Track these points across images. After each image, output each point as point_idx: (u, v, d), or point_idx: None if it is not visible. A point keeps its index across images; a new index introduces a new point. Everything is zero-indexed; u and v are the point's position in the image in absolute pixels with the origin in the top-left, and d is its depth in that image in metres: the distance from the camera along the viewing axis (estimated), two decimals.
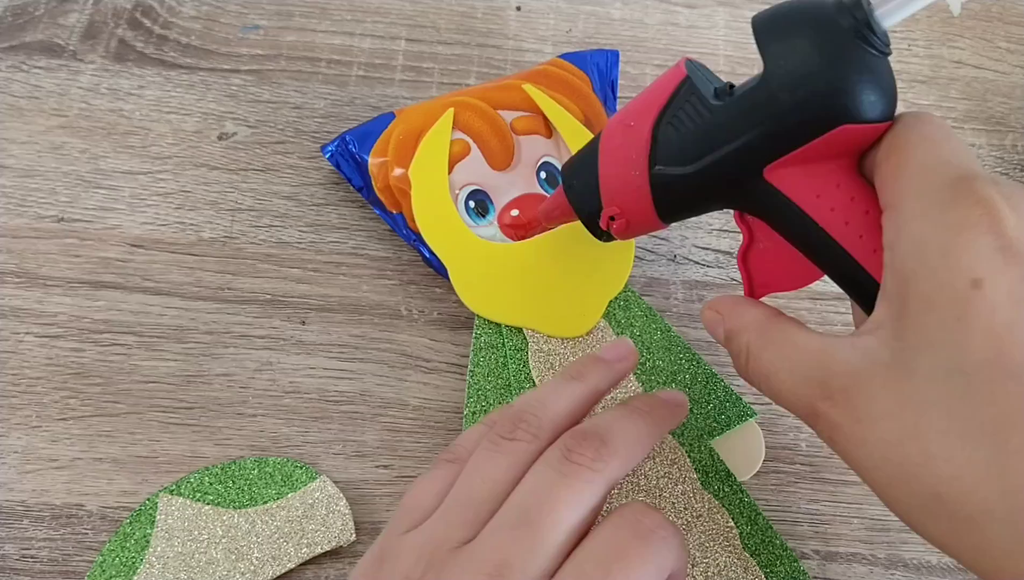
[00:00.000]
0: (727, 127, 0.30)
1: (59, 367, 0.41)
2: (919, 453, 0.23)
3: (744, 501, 0.38)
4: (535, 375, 0.39)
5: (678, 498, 0.38)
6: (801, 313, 0.45)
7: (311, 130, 0.47)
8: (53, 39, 0.49)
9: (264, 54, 0.49)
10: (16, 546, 0.37)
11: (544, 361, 0.40)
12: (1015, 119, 0.51)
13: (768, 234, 0.31)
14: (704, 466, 0.38)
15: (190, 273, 0.43)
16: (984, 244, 0.23)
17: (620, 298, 0.41)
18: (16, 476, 0.39)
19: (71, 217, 0.44)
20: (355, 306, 0.43)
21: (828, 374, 0.26)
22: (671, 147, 0.31)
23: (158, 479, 0.39)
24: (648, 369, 0.40)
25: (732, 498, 0.38)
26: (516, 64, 0.51)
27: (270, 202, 0.45)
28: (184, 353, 0.42)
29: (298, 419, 0.41)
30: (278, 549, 0.37)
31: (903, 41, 0.53)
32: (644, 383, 0.40)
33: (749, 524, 0.38)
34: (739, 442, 0.40)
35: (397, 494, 0.39)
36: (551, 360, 0.40)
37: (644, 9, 0.53)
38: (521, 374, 0.40)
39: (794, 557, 0.37)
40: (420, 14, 0.52)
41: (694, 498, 0.38)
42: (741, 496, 0.38)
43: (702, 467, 0.38)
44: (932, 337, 0.23)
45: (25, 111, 0.47)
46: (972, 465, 0.22)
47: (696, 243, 0.46)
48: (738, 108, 0.29)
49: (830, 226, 0.29)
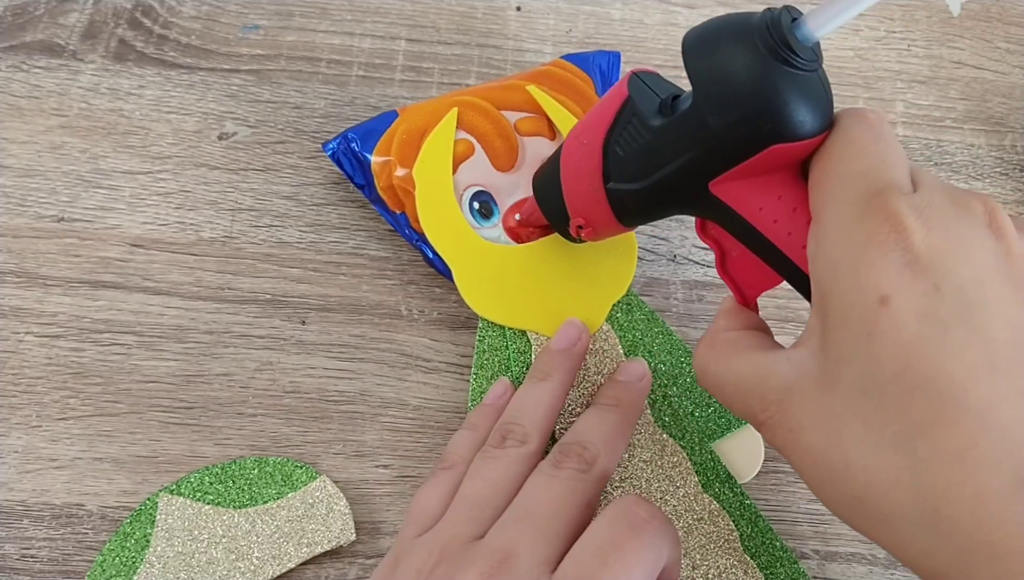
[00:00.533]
0: (667, 147, 0.30)
1: (59, 367, 0.41)
2: (841, 460, 0.25)
3: (745, 503, 0.38)
4: None
5: (679, 501, 0.38)
6: (801, 313, 0.45)
7: (311, 130, 0.47)
8: (53, 39, 0.49)
9: (264, 54, 0.49)
10: (16, 546, 0.37)
11: None
12: (1015, 119, 0.51)
13: (734, 242, 0.32)
14: (705, 469, 0.38)
15: (190, 273, 0.43)
16: (891, 261, 0.24)
17: (623, 301, 0.41)
18: (16, 476, 0.39)
19: (71, 217, 0.44)
20: (355, 306, 0.43)
21: (765, 388, 0.28)
22: (620, 165, 0.32)
23: (158, 479, 0.39)
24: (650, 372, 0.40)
25: (733, 501, 0.38)
26: (516, 64, 0.51)
27: (270, 202, 0.45)
28: (184, 353, 0.42)
29: (298, 419, 0.41)
30: (278, 549, 0.37)
31: (903, 41, 0.53)
32: None
33: (750, 526, 0.38)
34: (739, 444, 0.40)
35: (397, 494, 0.40)
36: None
37: (644, 9, 0.53)
38: (524, 377, 0.40)
39: (794, 559, 0.37)
40: (420, 14, 0.52)
41: (695, 501, 0.38)
42: (742, 499, 0.38)
43: (703, 470, 0.38)
44: (848, 352, 0.25)
45: (25, 111, 0.47)
46: (886, 472, 0.24)
47: (696, 243, 0.46)
48: (675, 130, 0.30)
49: (774, 237, 0.30)
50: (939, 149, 0.50)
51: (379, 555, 0.38)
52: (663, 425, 0.39)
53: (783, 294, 0.45)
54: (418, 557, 0.30)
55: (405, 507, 0.39)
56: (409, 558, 0.31)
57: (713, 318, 0.44)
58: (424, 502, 0.34)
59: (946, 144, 0.50)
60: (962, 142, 0.50)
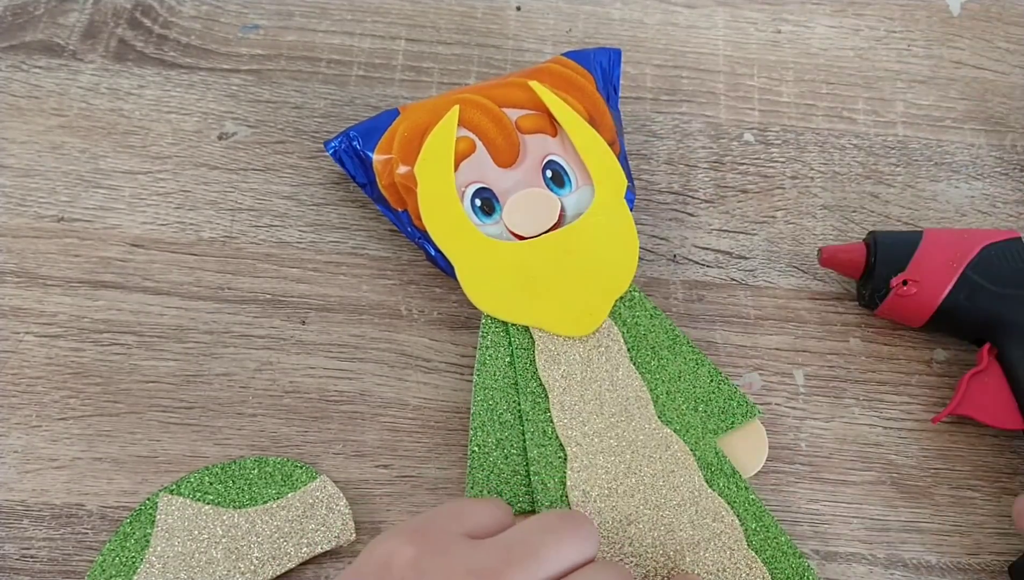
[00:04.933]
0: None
1: (59, 367, 0.41)
2: None
3: (750, 499, 0.38)
4: (542, 374, 0.39)
5: (683, 496, 0.38)
6: (801, 313, 0.45)
7: (311, 130, 0.47)
8: (53, 39, 0.49)
9: (264, 54, 0.49)
10: (16, 546, 0.37)
11: (551, 360, 0.40)
12: (1015, 119, 0.51)
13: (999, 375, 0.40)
14: (709, 464, 0.39)
15: (190, 273, 0.43)
16: None
17: (626, 297, 0.42)
18: (16, 476, 0.39)
19: (71, 217, 0.44)
20: (355, 306, 0.43)
21: None
22: (990, 267, 0.41)
23: (158, 479, 0.39)
24: (653, 368, 0.40)
25: (737, 496, 0.38)
26: (516, 64, 0.51)
27: (270, 202, 0.45)
28: (184, 353, 0.42)
29: (298, 419, 0.41)
30: (278, 549, 0.37)
31: (903, 41, 0.53)
32: (649, 382, 0.40)
33: (755, 521, 0.38)
34: (744, 439, 0.40)
35: (397, 494, 0.40)
36: (557, 359, 0.40)
37: (644, 9, 0.53)
38: (527, 373, 0.40)
39: (800, 554, 0.37)
40: (420, 14, 0.52)
41: (699, 496, 0.38)
42: (747, 494, 0.38)
43: (707, 465, 0.38)
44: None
45: (25, 111, 0.47)
46: None
47: (696, 243, 0.46)
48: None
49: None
50: (939, 149, 0.50)
51: None
52: (666, 421, 0.39)
53: (783, 294, 0.45)
54: None
55: (405, 507, 0.39)
56: None
57: (714, 319, 0.44)
58: None
59: (946, 144, 0.50)
60: (962, 142, 0.50)
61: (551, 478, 0.38)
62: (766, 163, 0.49)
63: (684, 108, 0.50)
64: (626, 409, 0.39)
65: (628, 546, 0.37)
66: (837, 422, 0.42)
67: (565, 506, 0.38)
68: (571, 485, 0.38)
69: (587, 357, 0.40)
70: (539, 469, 0.38)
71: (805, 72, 0.52)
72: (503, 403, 0.39)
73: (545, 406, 0.39)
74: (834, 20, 0.54)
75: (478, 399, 0.39)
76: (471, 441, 0.39)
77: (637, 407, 0.39)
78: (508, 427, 0.39)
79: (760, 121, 0.50)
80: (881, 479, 0.41)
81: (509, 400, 0.40)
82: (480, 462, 0.38)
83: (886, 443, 0.42)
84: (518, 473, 0.39)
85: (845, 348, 0.44)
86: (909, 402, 0.43)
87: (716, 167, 0.48)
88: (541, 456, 0.38)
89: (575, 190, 0.43)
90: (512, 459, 0.39)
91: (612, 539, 0.37)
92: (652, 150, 0.49)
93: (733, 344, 0.44)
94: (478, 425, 0.39)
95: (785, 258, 0.46)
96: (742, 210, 0.47)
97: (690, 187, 0.48)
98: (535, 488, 0.38)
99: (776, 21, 0.53)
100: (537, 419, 0.39)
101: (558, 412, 0.39)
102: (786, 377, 0.43)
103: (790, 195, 0.48)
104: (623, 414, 0.39)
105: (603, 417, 0.39)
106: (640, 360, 0.41)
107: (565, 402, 0.39)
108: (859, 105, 0.51)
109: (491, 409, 0.39)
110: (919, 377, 0.43)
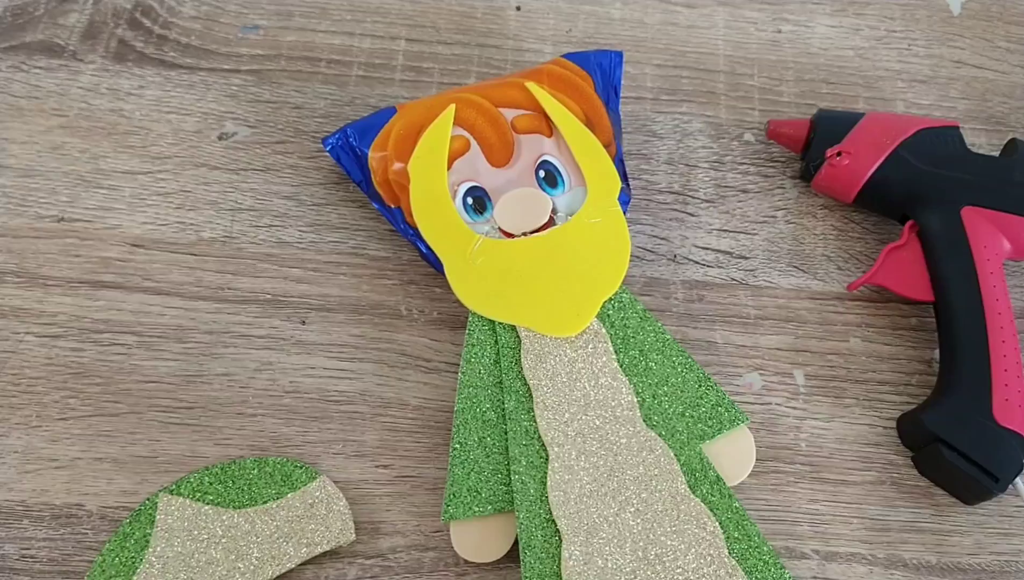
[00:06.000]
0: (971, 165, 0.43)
1: (59, 367, 0.41)
2: None
3: (733, 507, 0.38)
4: (527, 373, 0.39)
5: (666, 501, 0.37)
6: (801, 313, 0.45)
7: (311, 130, 0.47)
8: (53, 39, 0.49)
9: (264, 54, 0.49)
10: (16, 546, 0.38)
11: (536, 359, 0.40)
12: (1015, 119, 0.51)
13: (917, 250, 0.43)
14: (693, 469, 0.38)
15: (190, 273, 0.43)
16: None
17: (615, 299, 0.41)
18: (16, 476, 0.39)
19: (71, 217, 0.44)
20: (355, 306, 0.43)
21: None
22: (922, 147, 0.43)
23: (158, 479, 0.39)
24: (640, 371, 0.40)
25: (720, 503, 0.38)
26: (516, 64, 0.51)
27: (270, 202, 0.45)
28: (184, 353, 0.42)
29: (298, 419, 0.41)
30: (278, 549, 0.37)
31: (903, 40, 0.53)
32: (636, 385, 0.40)
33: (737, 530, 0.37)
34: (730, 447, 0.40)
35: (397, 494, 0.40)
36: (544, 359, 0.40)
37: (644, 9, 0.53)
38: (512, 372, 0.40)
39: (781, 565, 0.37)
40: (420, 14, 0.52)
41: (681, 502, 0.37)
42: (730, 501, 0.38)
43: (690, 470, 0.38)
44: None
45: (25, 111, 0.47)
46: None
47: (696, 243, 0.46)
48: (989, 162, 0.43)
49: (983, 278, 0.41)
50: None
51: (379, 555, 0.38)
52: (651, 424, 0.39)
53: (783, 294, 0.45)
54: None
55: (405, 507, 0.39)
56: None
57: (714, 318, 0.44)
58: None
59: None
60: None
61: (532, 478, 0.38)
62: (766, 163, 0.49)
63: (684, 108, 0.50)
64: (611, 411, 0.39)
65: (607, 549, 0.37)
66: (837, 422, 0.42)
67: (545, 506, 0.37)
68: (552, 485, 0.37)
69: (573, 358, 0.40)
70: (520, 469, 0.38)
71: (805, 72, 0.52)
72: (487, 401, 0.39)
73: (529, 406, 0.39)
74: (834, 20, 0.54)
75: (462, 397, 0.39)
76: (453, 438, 0.39)
77: (622, 409, 0.39)
78: (491, 426, 0.39)
79: (760, 121, 0.50)
80: (881, 479, 0.41)
81: (493, 399, 0.39)
82: (461, 459, 0.38)
83: (886, 443, 0.42)
84: (499, 472, 0.38)
85: (845, 348, 0.44)
86: (909, 402, 0.43)
87: (716, 167, 0.48)
88: (523, 455, 0.38)
89: (568, 191, 0.43)
90: (493, 458, 0.39)
91: (591, 542, 0.37)
92: (652, 150, 0.49)
93: (733, 344, 0.44)
94: (460, 422, 0.39)
95: (785, 258, 0.46)
96: (742, 210, 0.47)
97: (690, 187, 0.48)
98: (515, 488, 0.38)
99: (776, 21, 0.53)
100: (520, 418, 0.39)
101: (542, 412, 0.39)
102: (786, 377, 0.43)
103: (790, 195, 0.48)
104: (608, 416, 0.39)
105: (587, 418, 0.39)
106: (627, 362, 0.40)
107: (549, 402, 0.39)
108: (859, 105, 0.51)
109: (474, 407, 0.39)
110: (919, 377, 0.43)
